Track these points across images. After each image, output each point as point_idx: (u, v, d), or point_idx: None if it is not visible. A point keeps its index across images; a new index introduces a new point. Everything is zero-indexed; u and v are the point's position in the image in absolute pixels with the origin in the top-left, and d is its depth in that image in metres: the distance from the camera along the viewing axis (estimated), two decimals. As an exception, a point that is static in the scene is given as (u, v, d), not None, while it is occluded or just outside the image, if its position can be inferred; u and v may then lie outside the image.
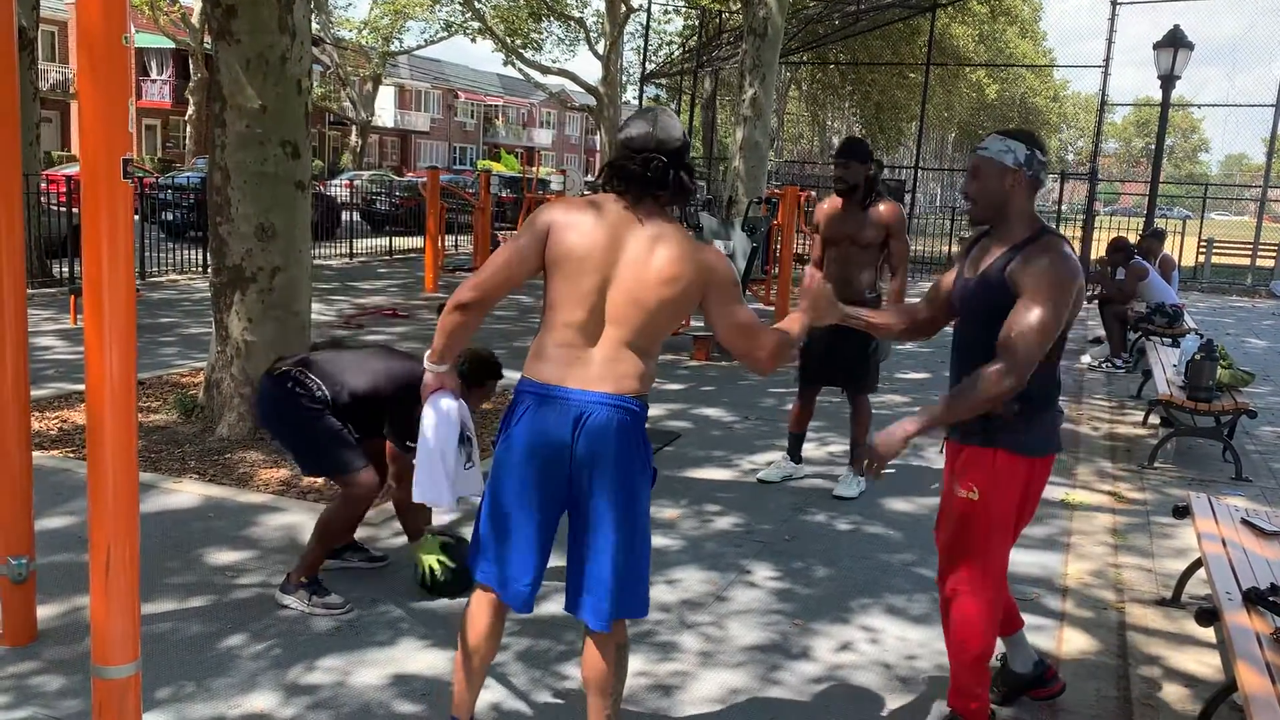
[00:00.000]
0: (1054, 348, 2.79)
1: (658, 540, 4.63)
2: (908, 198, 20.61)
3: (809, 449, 6.21)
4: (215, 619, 3.62)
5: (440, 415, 2.80)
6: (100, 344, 2.23)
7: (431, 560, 3.82)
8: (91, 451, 2.29)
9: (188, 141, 34.91)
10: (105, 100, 2.13)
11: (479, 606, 2.69)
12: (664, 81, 30.64)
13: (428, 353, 2.75)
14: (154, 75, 40.57)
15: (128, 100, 2.15)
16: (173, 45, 35.33)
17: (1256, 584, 3.21)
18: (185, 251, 14.52)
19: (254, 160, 5.81)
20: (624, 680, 2.70)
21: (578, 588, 2.59)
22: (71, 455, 5.39)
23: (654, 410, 7.13)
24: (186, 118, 35.07)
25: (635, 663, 3.45)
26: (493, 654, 2.74)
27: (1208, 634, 3.91)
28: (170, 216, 16.80)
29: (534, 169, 28.73)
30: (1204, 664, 3.69)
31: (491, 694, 3.21)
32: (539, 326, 2.59)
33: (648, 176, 2.46)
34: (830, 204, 5.36)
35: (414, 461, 2.89)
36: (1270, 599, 3.03)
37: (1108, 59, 18.05)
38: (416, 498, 2.86)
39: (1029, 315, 2.66)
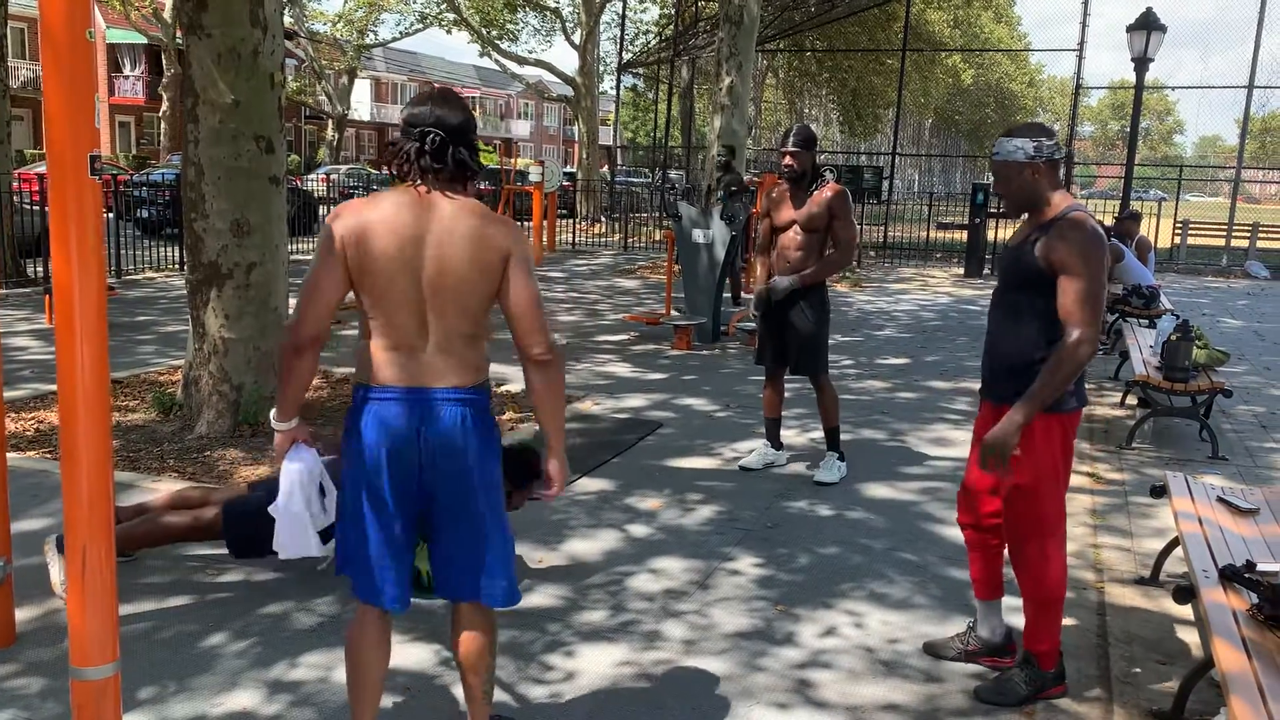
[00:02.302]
0: None
1: (640, 529, 4.64)
2: (885, 184, 20.64)
3: (791, 435, 6.23)
4: (196, 617, 3.60)
5: (300, 474, 2.69)
6: (72, 342, 2.21)
7: (424, 565, 3.80)
8: (65, 452, 2.27)
9: (162, 138, 34.61)
10: (70, 96, 2.10)
11: (363, 623, 2.62)
12: (641, 71, 30.59)
13: (273, 412, 2.63)
14: (127, 71, 40.18)
15: (93, 95, 2.13)
16: (145, 41, 35.01)
17: (1232, 561, 3.25)
18: (162, 249, 14.42)
19: (227, 155, 5.76)
20: (496, 654, 2.74)
21: (461, 574, 2.57)
22: (49, 456, 5.34)
23: (635, 400, 7.14)
24: (160, 114, 34.78)
25: (619, 652, 3.46)
26: (384, 667, 2.68)
27: (1186, 612, 3.95)
28: (146, 214, 16.67)
29: (512, 161, 28.60)
30: (1183, 641, 3.72)
31: (475, 686, 3.21)
32: (360, 333, 2.52)
33: (424, 150, 2.41)
34: (778, 192, 5.40)
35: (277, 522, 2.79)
36: (1246, 576, 3.06)
37: (1082, 42, 18.14)
38: (283, 555, 2.77)
39: (1077, 286, 2.97)
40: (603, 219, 26.23)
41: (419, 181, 2.43)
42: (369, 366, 2.48)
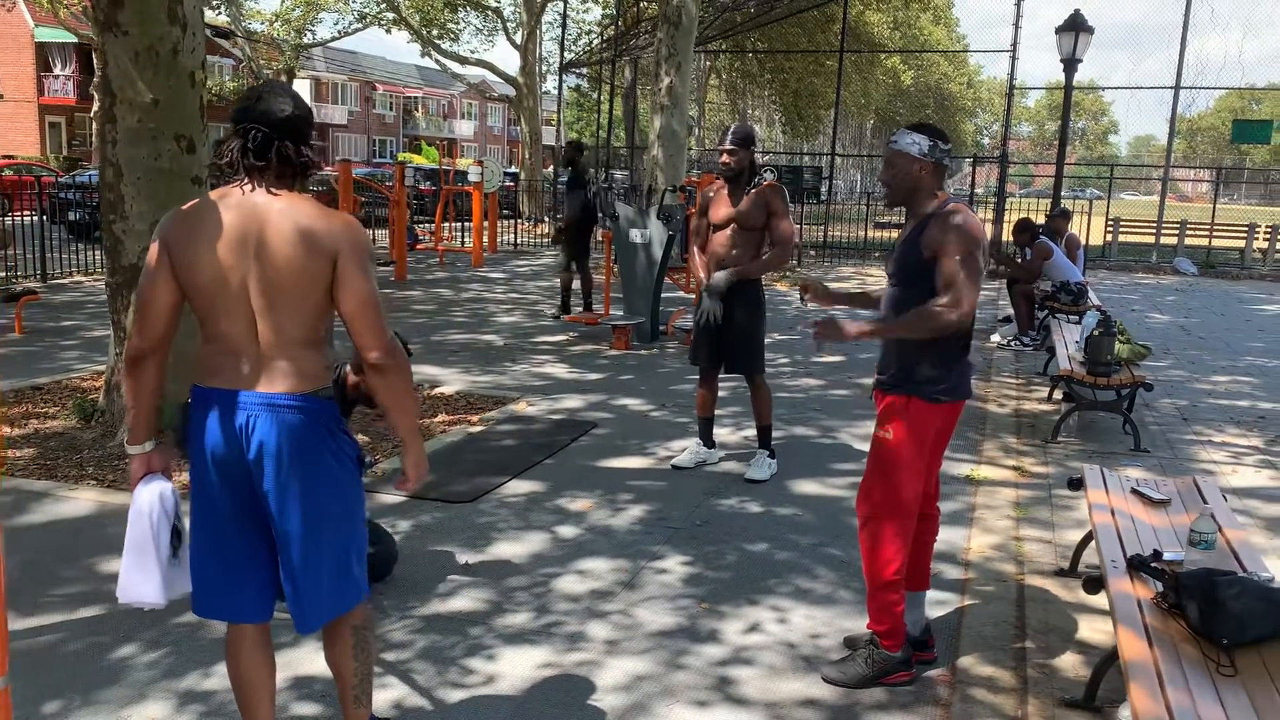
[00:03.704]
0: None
1: (568, 531, 4.62)
2: (824, 184, 20.81)
3: (724, 434, 6.25)
4: (106, 629, 3.51)
5: (155, 503, 2.50)
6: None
7: None
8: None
9: (94, 139, 33.81)
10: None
11: (234, 642, 2.58)
12: (585, 71, 30.53)
13: (126, 436, 2.54)
14: (57, 71, 39.17)
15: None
16: (75, 40, 34.19)
17: (1141, 551, 3.31)
18: (91, 252, 14.08)
19: (147, 156, 5.64)
20: (368, 660, 2.69)
21: (288, 591, 2.50)
22: (-40, 465, 5.19)
23: (571, 401, 7.12)
24: (92, 114, 33.94)
25: (540, 654, 3.44)
26: (271, 681, 2.63)
27: (1103, 602, 4.02)
28: (75, 216, 16.28)
29: (452, 161, 28.39)
30: (1098, 631, 3.79)
31: (394, 692, 3.17)
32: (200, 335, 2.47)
33: (247, 148, 2.35)
34: (715, 189, 5.41)
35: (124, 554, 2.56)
36: (1152, 565, 3.12)
37: (1015, 44, 18.44)
38: (124, 597, 2.54)
39: (953, 264, 3.08)
40: (546, 220, 26.13)
41: (245, 180, 2.38)
42: (201, 369, 2.44)
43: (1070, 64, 14.79)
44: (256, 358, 2.39)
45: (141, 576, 2.50)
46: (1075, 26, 14.61)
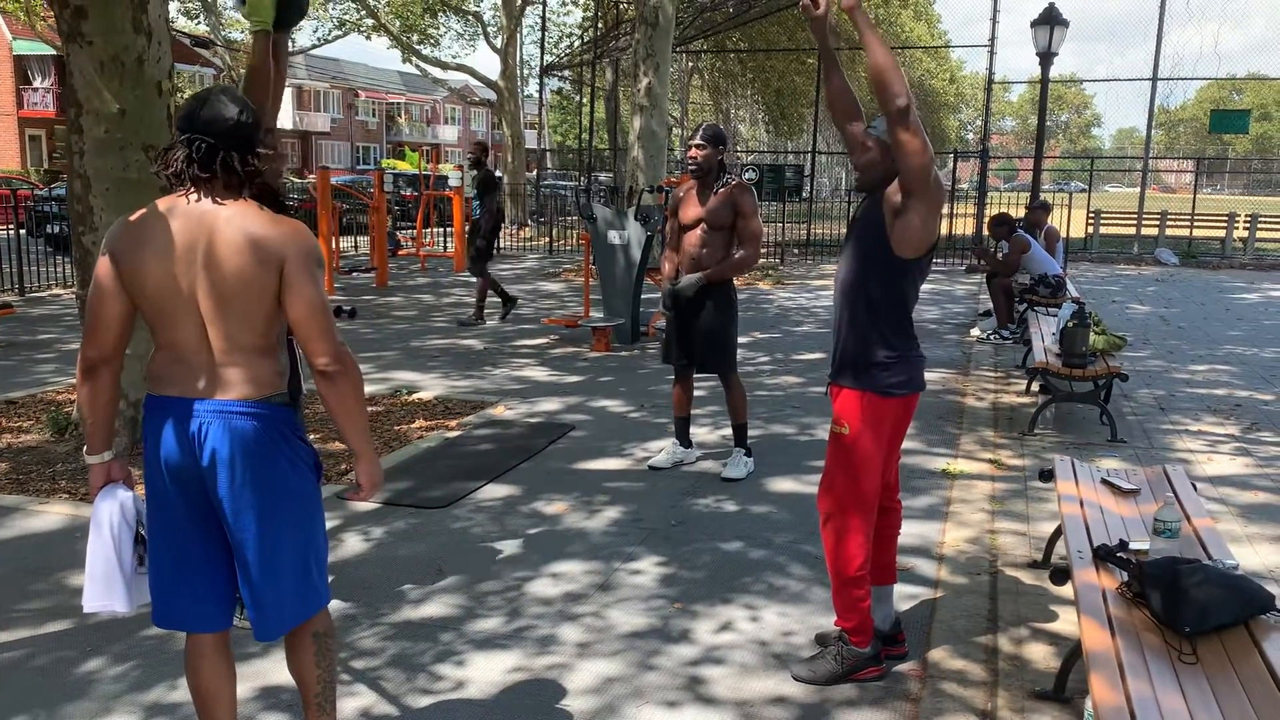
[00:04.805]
0: (910, 294, 3.19)
1: (543, 535, 4.61)
2: (806, 182, 20.84)
3: (702, 433, 6.24)
4: (74, 643, 3.49)
5: (116, 512, 2.48)
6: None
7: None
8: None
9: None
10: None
11: (193, 651, 2.57)
12: (566, 74, 30.51)
13: (85, 449, 2.52)
14: (36, 83, 38.98)
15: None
16: (54, 52, 33.99)
17: (1109, 541, 3.32)
18: (70, 265, 14.02)
19: (115, 166, 5.62)
20: (331, 667, 2.67)
21: (247, 599, 2.48)
22: (-69, 482, 5.15)
23: (549, 404, 7.10)
24: (72, 126, 33.76)
25: (511, 659, 3.43)
26: (231, 690, 2.61)
27: (1072, 593, 4.02)
28: (54, 229, 16.23)
29: (433, 166, 28.32)
30: (1069, 623, 3.79)
31: (361, 699, 3.16)
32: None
33: (191, 158, 2.33)
34: (685, 190, 5.41)
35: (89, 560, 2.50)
36: (1118, 555, 3.13)
37: (993, 38, 18.52)
38: (90, 605, 2.49)
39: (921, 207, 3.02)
40: (530, 223, 26.10)
41: (190, 189, 2.37)
42: (153, 377, 2.43)
43: (1046, 57, 14.84)
44: (208, 366, 2.38)
45: (106, 584, 2.49)
46: (1050, 20, 14.67)
